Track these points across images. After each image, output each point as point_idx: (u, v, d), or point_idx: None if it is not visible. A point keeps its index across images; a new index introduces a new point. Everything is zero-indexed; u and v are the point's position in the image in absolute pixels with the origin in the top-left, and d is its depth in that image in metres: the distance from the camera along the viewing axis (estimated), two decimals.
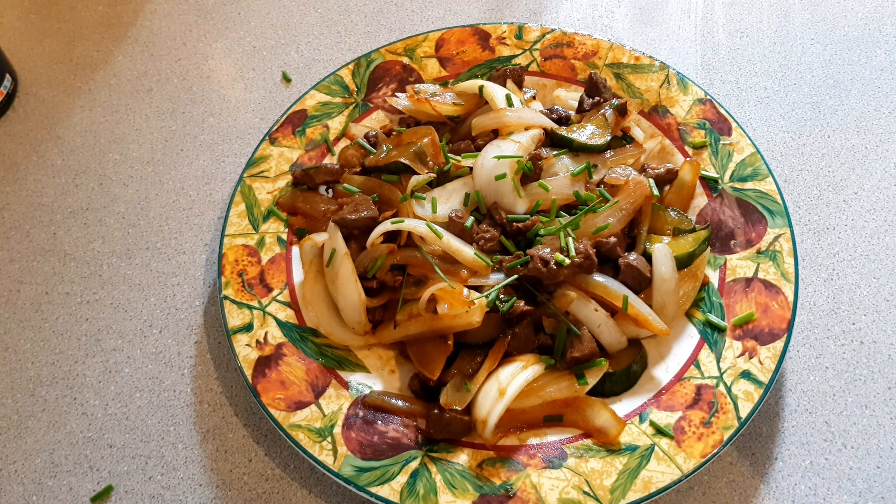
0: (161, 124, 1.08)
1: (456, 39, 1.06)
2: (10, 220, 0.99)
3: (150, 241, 0.97)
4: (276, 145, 0.97)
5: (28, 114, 1.09)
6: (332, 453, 0.75)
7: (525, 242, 0.84)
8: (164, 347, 0.89)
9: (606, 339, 0.81)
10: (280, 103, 1.10)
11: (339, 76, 1.02)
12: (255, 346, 0.82)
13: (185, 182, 1.02)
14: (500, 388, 0.76)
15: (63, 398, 0.85)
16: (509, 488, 0.73)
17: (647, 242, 0.86)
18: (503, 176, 0.85)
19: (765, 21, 1.19)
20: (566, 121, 0.95)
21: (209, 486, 0.80)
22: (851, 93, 1.10)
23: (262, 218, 0.91)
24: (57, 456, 0.82)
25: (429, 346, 0.81)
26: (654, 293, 0.82)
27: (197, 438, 0.82)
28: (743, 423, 0.76)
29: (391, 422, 0.78)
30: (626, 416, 0.78)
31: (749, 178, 0.92)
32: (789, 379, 0.85)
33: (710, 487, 0.79)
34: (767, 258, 0.86)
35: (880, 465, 0.80)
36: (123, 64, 1.14)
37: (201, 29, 1.19)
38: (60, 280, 0.94)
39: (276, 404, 0.78)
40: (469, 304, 0.77)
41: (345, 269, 0.82)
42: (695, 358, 0.81)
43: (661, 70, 1.01)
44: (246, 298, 0.85)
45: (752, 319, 0.82)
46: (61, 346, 0.89)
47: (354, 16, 1.20)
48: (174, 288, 0.93)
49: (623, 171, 0.88)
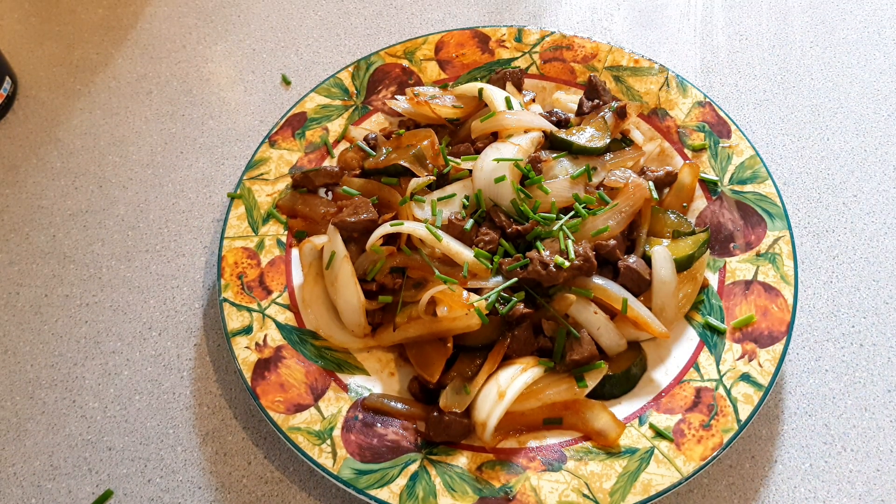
0: (161, 127, 1.08)
1: (455, 42, 1.06)
2: (9, 222, 0.99)
3: (150, 244, 0.97)
4: (275, 148, 0.97)
5: (28, 116, 1.09)
6: (331, 456, 0.75)
7: (524, 245, 0.84)
8: (163, 350, 0.88)
9: (606, 342, 0.81)
10: (280, 106, 1.10)
11: (338, 79, 1.02)
12: (254, 349, 0.82)
13: (184, 184, 1.02)
14: (499, 391, 0.76)
15: (62, 401, 0.85)
16: (509, 491, 0.73)
17: (647, 245, 0.86)
18: (503, 178, 0.85)
19: (764, 24, 1.19)
20: (566, 123, 0.95)
21: (208, 488, 0.79)
22: (851, 95, 1.10)
23: (261, 220, 0.91)
24: (56, 458, 0.81)
25: (428, 348, 0.81)
26: (653, 296, 0.82)
27: (196, 441, 0.82)
28: (742, 425, 0.76)
29: (390, 424, 0.78)
30: (626, 418, 0.78)
31: (748, 181, 0.92)
32: (789, 381, 0.85)
33: (710, 490, 0.79)
34: (767, 261, 0.86)
35: (880, 468, 0.80)
36: (123, 66, 1.14)
37: (201, 32, 1.19)
38: (60, 282, 0.94)
39: (275, 407, 0.78)
40: (469, 306, 0.77)
41: (344, 271, 0.82)
42: (694, 360, 0.81)
43: (661, 73, 1.01)
44: (245, 301, 0.85)
45: (752, 322, 0.82)
46: (60, 349, 0.89)
47: (354, 18, 1.20)
48: (174, 290, 0.93)
49: (622, 173, 0.88)
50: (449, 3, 1.22)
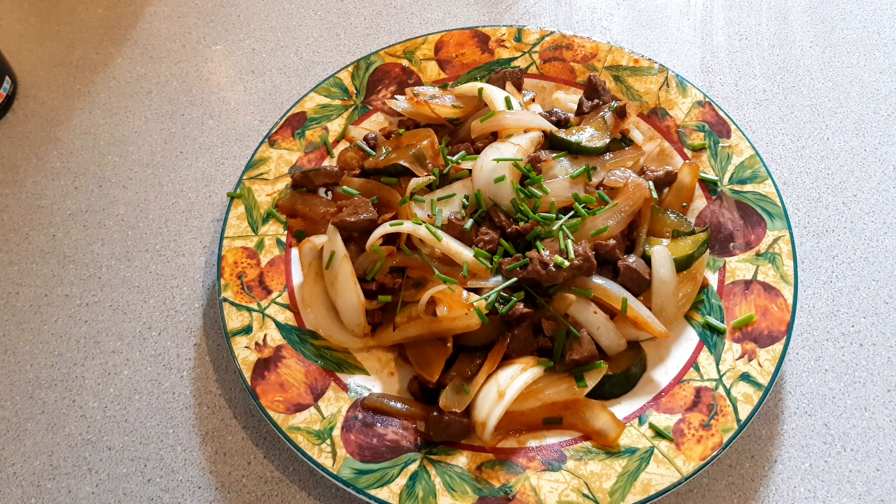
0: (160, 126, 1.08)
1: (455, 42, 1.06)
2: (9, 222, 0.99)
3: (150, 244, 0.97)
4: (275, 147, 0.97)
5: (28, 116, 1.09)
6: (331, 456, 0.75)
7: (524, 245, 0.84)
8: (163, 350, 0.88)
9: (606, 342, 0.81)
10: (279, 105, 1.10)
11: (338, 78, 1.02)
12: (254, 349, 0.82)
13: (184, 184, 1.02)
14: (499, 391, 0.76)
15: (62, 400, 0.85)
16: (508, 491, 0.73)
17: (647, 245, 0.86)
18: (502, 178, 0.85)
19: (764, 23, 1.19)
20: (565, 123, 0.95)
21: (208, 488, 0.79)
22: (850, 95, 1.10)
23: (261, 220, 0.91)
24: (56, 458, 0.81)
25: (428, 348, 0.80)
26: (653, 296, 0.82)
27: (196, 441, 0.82)
28: (742, 425, 0.76)
29: (390, 424, 0.78)
30: (626, 418, 0.78)
31: (748, 181, 0.92)
32: (788, 381, 0.85)
33: (710, 490, 0.79)
34: (767, 260, 0.86)
35: (880, 468, 0.80)
36: (123, 66, 1.14)
37: (201, 31, 1.19)
38: (60, 282, 0.94)
39: (275, 406, 0.78)
40: (468, 306, 0.77)
41: (344, 271, 0.82)
42: (694, 360, 0.81)
43: (661, 72, 1.01)
44: (245, 301, 0.85)
45: (752, 322, 0.82)
46: (60, 349, 0.89)
47: (354, 18, 1.20)
48: (173, 290, 0.93)
49: (622, 173, 0.88)
50: (449, 3, 1.22)
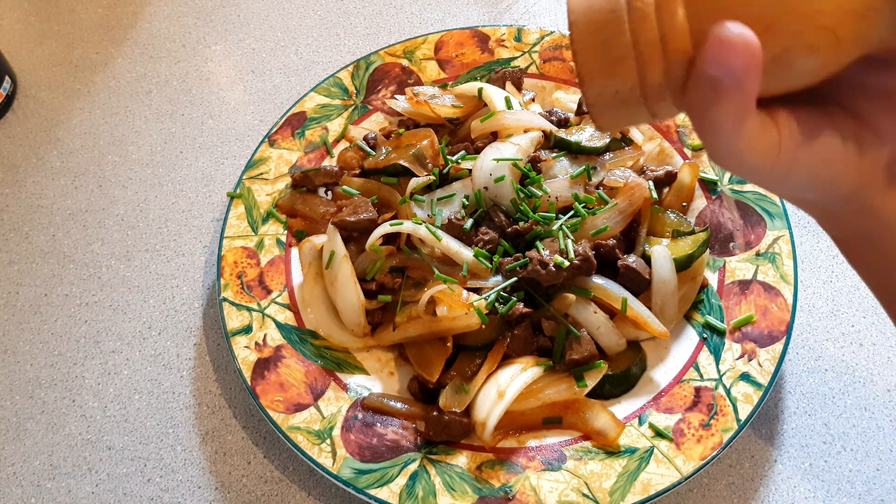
0: (160, 126, 1.08)
1: (455, 41, 1.06)
2: (9, 222, 0.99)
3: (150, 243, 0.97)
4: (275, 147, 0.97)
5: (27, 116, 1.09)
6: (331, 455, 0.75)
7: (524, 245, 0.84)
8: (163, 349, 0.88)
9: (606, 342, 0.81)
10: (279, 105, 1.10)
11: (338, 78, 1.02)
12: (254, 348, 0.82)
13: (184, 184, 1.02)
14: (499, 391, 0.76)
15: (62, 400, 0.85)
16: (508, 490, 0.73)
17: (647, 245, 0.86)
18: (502, 178, 0.85)
19: None
20: (565, 123, 0.95)
21: (208, 488, 0.79)
22: None
23: (261, 220, 0.91)
24: (56, 458, 0.81)
25: (428, 348, 0.80)
26: (653, 295, 0.82)
27: (196, 440, 0.82)
28: (742, 425, 0.76)
29: (390, 424, 0.78)
30: (626, 418, 0.78)
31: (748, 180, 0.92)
32: (788, 381, 0.85)
33: (710, 489, 0.79)
34: (766, 260, 0.86)
35: (880, 468, 0.80)
36: (123, 66, 1.14)
37: (201, 31, 1.19)
38: (59, 282, 0.94)
39: (274, 406, 0.78)
40: (468, 306, 0.77)
41: (344, 271, 0.82)
42: (694, 360, 0.81)
43: None
44: (245, 300, 0.85)
45: (752, 321, 0.82)
46: (60, 349, 0.89)
47: (354, 18, 1.20)
48: (173, 290, 0.93)
49: (622, 173, 0.88)
50: (448, 3, 1.22)
